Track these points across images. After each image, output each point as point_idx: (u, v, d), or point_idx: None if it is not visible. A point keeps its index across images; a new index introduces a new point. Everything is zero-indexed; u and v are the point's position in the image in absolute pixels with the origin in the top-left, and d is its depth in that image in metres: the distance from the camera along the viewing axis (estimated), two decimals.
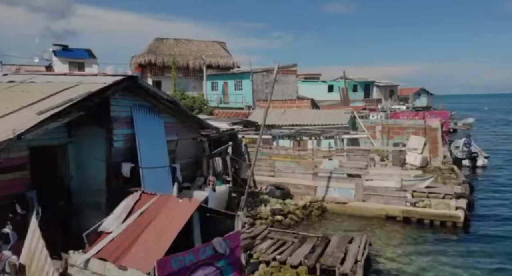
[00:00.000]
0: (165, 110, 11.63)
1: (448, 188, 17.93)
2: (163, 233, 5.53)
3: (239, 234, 6.55)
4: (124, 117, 10.28)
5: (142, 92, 10.48)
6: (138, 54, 48.43)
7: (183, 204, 5.96)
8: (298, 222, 14.56)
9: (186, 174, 12.66)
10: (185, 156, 12.79)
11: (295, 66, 44.35)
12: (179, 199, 6.13)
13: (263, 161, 17.61)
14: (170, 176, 11.23)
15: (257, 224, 13.31)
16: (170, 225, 5.61)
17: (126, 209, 6.21)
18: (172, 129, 12.03)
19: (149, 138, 10.83)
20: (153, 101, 10.93)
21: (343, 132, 19.29)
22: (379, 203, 15.60)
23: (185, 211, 5.79)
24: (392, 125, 26.36)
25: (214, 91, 45.26)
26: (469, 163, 25.59)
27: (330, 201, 16.33)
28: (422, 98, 59.47)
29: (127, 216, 6.09)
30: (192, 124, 12.91)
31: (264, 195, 16.04)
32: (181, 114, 12.03)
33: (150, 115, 11.02)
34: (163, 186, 10.83)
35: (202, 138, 13.23)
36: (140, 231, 5.66)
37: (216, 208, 12.30)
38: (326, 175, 16.54)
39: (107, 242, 5.57)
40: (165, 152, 11.29)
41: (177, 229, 5.52)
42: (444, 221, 14.60)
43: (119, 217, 6.08)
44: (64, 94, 8.85)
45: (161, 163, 10.97)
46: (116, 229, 5.79)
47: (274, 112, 27.21)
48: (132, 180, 10.27)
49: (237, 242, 6.35)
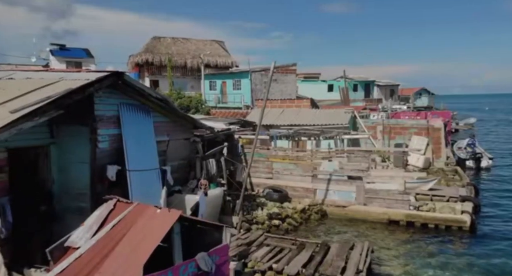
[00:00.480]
0: (155, 109, 10.97)
1: (452, 191, 17.28)
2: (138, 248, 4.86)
3: (227, 248, 5.87)
4: (110, 116, 9.62)
5: (130, 90, 9.82)
6: (135, 53, 47.80)
7: (162, 214, 5.28)
8: (296, 227, 13.89)
9: (178, 177, 12.01)
10: (177, 157, 12.13)
11: (294, 65, 43.70)
12: (157, 209, 5.45)
13: (260, 162, 16.94)
14: (160, 179, 10.57)
15: (253, 229, 12.65)
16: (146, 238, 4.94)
17: (98, 220, 5.54)
18: (162, 129, 11.38)
19: (137, 139, 10.18)
20: (142, 99, 10.27)
21: (343, 132, 18.59)
22: (381, 207, 14.93)
23: (164, 222, 5.13)
24: (394, 125, 25.69)
25: (212, 91, 44.65)
26: (473, 164, 24.92)
27: (329, 205, 15.65)
28: (423, 98, 58.83)
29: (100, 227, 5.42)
30: (185, 123, 12.25)
31: (261, 198, 15.37)
32: (172, 113, 11.37)
33: (138, 114, 10.36)
34: (152, 189, 10.19)
35: (196, 138, 12.57)
36: (112, 245, 4.99)
37: (210, 213, 11.71)
38: (325, 177, 15.88)
39: (73, 259, 4.89)
40: (154, 154, 10.63)
41: (154, 243, 4.86)
42: (449, 226, 13.93)
43: (90, 229, 5.40)
44: (42, 91, 8.18)
45: (150, 165, 10.31)
46: (85, 244, 5.12)
47: (273, 112, 26.55)
48: (119, 184, 9.62)
49: (224, 257, 5.66)
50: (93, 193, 9.23)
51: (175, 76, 47.79)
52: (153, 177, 10.36)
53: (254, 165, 16.93)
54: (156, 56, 46.91)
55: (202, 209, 9.26)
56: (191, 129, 12.60)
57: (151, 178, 10.26)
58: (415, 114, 33.97)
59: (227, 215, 12.47)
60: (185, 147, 12.50)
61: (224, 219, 12.50)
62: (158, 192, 10.39)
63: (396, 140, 25.12)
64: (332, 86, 48.89)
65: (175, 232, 5.25)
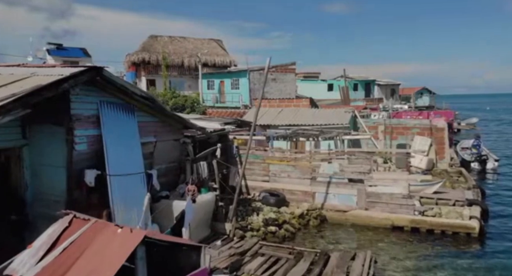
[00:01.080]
0: (141, 108, 10.13)
1: (458, 194, 16.45)
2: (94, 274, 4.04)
3: (205, 273, 5.02)
4: (88, 116, 8.79)
5: (110, 87, 8.98)
6: (132, 52, 46.96)
7: (123, 235, 4.43)
8: (294, 233, 13.03)
9: (167, 181, 11.17)
10: (165, 160, 11.29)
11: (293, 64, 42.84)
12: (118, 228, 4.60)
13: (256, 164, 16.08)
14: (145, 184, 9.72)
15: (248, 236, 11.80)
16: (104, 264, 4.11)
17: (48, 241, 4.69)
18: (149, 130, 10.54)
19: (120, 140, 9.34)
20: (125, 97, 9.43)
21: (344, 132, 17.72)
22: (384, 212, 14.08)
23: (124, 244, 4.28)
24: (396, 125, 24.83)
25: (210, 90, 43.80)
26: (479, 166, 24.05)
27: (329, 209, 14.80)
28: (424, 97, 57.98)
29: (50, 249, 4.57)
30: (174, 123, 11.41)
31: (257, 203, 14.52)
32: (159, 112, 10.53)
33: (121, 113, 9.52)
34: (136, 196, 9.34)
35: (186, 139, 11.73)
36: (61, 273, 4.16)
37: (201, 220, 10.86)
38: (325, 180, 15.03)
39: None
40: (139, 156, 9.79)
41: (112, 270, 4.03)
42: (457, 232, 13.09)
43: (37, 253, 4.55)
44: (9, 88, 7.35)
45: (133, 169, 9.47)
46: (27, 273, 4.26)
47: (271, 112, 25.71)
48: (98, 190, 8.79)
49: None
50: (70, 200, 8.43)
51: (172, 76, 47.00)
52: (137, 182, 9.52)
53: (249, 168, 16.11)
54: (153, 55, 46.05)
55: (188, 218, 8.42)
56: (181, 130, 11.76)
57: (134, 183, 9.42)
58: (417, 113, 33.13)
59: (219, 222, 11.64)
60: (175, 149, 11.66)
61: (217, 226, 11.68)
62: (142, 198, 9.54)
63: (398, 141, 24.28)
64: (332, 85, 48.08)
65: (138, 257, 4.39)
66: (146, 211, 7.97)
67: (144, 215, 7.65)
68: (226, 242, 11.17)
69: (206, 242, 10.96)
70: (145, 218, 7.66)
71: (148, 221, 9.57)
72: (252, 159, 16.15)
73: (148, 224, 7.63)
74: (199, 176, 11.46)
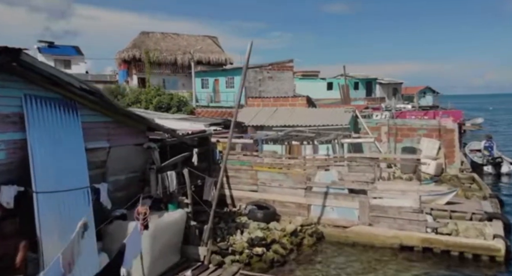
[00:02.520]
0: (87, 105, 8.02)
1: (474, 205, 14.37)
2: None
3: None
4: (5, 114, 6.69)
5: (38, 77, 6.86)
6: (122, 49, 44.86)
7: None
8: (284, 256, 10.87)
9: (127, 196, 9.06)
10: (124, 169, 9.19)
11: (291, 62, 40.77)
12: None
13: (243, 172, 13.96)
14: (90, 203, 7.61)
15: (227, 263, 9.68)
16: None
17: None
18: (99, 132, 8.44)
19: (54, 146, 7.22)
20: (60, 90, 7.31)
21: (343, 135, 15.56)
22: (391, 229, 11.97)
23: None
24: (401, 126, 22.65)
25: (204, 89, 41.77)
26: (492, 170, 21.91)
27: (327, 224, 12.69)
28: (427, 96, 55.88)
29: None
30: (134, 125, 9.29)
31: (242, 218, 12.40)
32: (111, 110, 8.41)
33: (57, 111, 7.41)
34: (77, 218, 7.20)
35: (151, 144, 9.60)
36: None
37: (164, 246, 8.70)
38: (322, 191, 12.91)
39: None
40: (82, 167, 7.66)
41: None
42: (478, 254, 10.99)
43: None
44: None
45: (73, 183, 7.35)
46: None
47: (265, 111, 23.66)
48: (19, 213, 6.68)
49: None
50: None
51: (165, 74, 45.06)
52: (78, 201, 7.40)
53: (235, 175, 14.02)
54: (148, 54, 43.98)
55: (132, 253, 6.23)
56: (145, 132, 9.64)
57: (73, 202, 7.30)
58: (422, 113, 30.94)
59: (192, 245, 9.51)
60: (137, 156, 9.54)
61: (188, 250, 9.55)
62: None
63: (403, 143, 22.10)
64: (332, 84, 45.94)
65: None
66: (77, 243, 5.91)
67: (72, 250, 5.60)
68: (199, 271, 9.06)
69: (173, 272, 8.87)
70: (73, 254, 5.62)
71: (92, 250, 7.47)
72: (238, 166, 14.06)
73: (75, 260, 5.57)
74: (167, 189, 9.32)
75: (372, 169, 12.98)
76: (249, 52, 8.66)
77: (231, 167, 14.05)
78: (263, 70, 37.96)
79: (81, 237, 6.06)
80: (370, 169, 12.99)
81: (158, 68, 44.75)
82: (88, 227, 6.30)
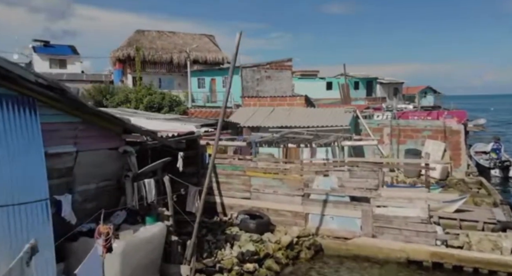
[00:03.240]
0: (49, 103, 6.92)
1: (484, 213, 13.27)
2: None
3: None
4: None
5: None
6: (116, 48, 43.76)
7: None
8: (278, 273, 9.79)
9: (97, 207, 7.91)
10: (96, 177, 8.09)
11: (290, 61, 39.70)
12: None
13: (235, 177, 12.84)
14: (49, 218, 6.50)
15: None
16: None
17: None
18: (64, 135, 7.35)
19: (2, 151, 6.11)
20: (12, 86, 6.20)
21: (344, 137, 14.44)
22: (396, 241, 10.88)
23: None
24: (404, 127, 21.55)
25: (201, 89, 40.75)
26: (500, 174, 20.84)
27: (326, 236, 11.60)
28: (428, 96, 54.83)
29: None
30: (108, 126, 8.19)
31: (233, 228, 11.29)
32: (78, 109, 7.30)
33: (9, 110, 6.30)
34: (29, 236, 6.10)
35: (127, 148, 8.50)
36: None
37: (139, 265, 7.61)
38: (320, 198, 11.81)
39: None
40: (40, 175, 6.55)
41: None
42: (494, 271, 9.92)
43: None
44: None
45: (26, 196, 6.24)
46: None
47: (262, 111, 22.60)
48: None
49: None
50: None
51: (160, 73, 44.07)
52: (33, 216, 6.30)
53: (227, 181, 12.92)
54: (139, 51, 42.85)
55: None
56: (120, 135, 8.53)
57: (27, 218, 6.19)
58: (425, 114, 29.83)
59: (173, 264, 8.40)
60: (111, 161, 8.44)
61: (169, 269, 8.43)
62: (46, 239, 6.37)
63: (406, 145, 21.00)
64: (331, 83, 44.86)
65: None
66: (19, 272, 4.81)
67: None
68: None
69: None
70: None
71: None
72: (230, 171, 12.96)
73: None
74: (145, 199, 8.22)
75: (376, 175, 11.86)
76: (237, 43, 7.57)
77: (222, 172, 12.95)
78: (261, 69, 36.96)
79: (26, 265, 4.97)
80: (374, 174, 11.85)
81: (153, 67, 43.75)
82: (38, 251, 5.20)
